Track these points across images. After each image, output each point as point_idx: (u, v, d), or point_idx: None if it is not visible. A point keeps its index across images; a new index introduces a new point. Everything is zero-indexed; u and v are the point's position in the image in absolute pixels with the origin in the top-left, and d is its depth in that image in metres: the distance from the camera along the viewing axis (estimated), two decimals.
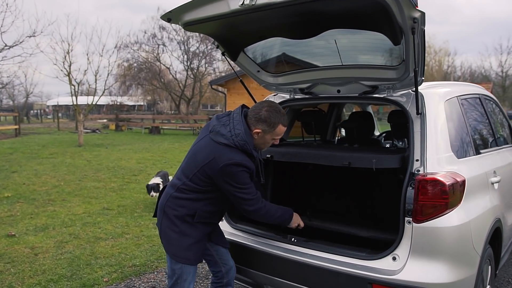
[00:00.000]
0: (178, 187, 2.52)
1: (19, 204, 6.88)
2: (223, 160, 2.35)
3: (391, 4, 2.07)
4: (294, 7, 2.20)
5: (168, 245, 2.54)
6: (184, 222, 2.49)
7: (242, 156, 2.39)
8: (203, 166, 2.41)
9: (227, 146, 2.38)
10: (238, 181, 2.39)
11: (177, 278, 2.53)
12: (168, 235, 2.53)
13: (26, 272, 4.14)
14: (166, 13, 2.60)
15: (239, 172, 2.38)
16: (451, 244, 2.30)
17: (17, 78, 19.75)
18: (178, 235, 2.49)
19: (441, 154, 2.48)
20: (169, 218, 2.52)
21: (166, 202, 2.54)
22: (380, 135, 5.24)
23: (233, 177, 2.38)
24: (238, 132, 2.40)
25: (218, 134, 2.42)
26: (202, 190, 2.47)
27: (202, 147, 2.47)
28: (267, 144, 2.58)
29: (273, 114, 2.47)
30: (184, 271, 2.53)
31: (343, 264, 2.46)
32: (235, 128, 2.41)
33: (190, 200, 2.49)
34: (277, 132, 2.51)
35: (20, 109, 36.02)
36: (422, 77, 2.56)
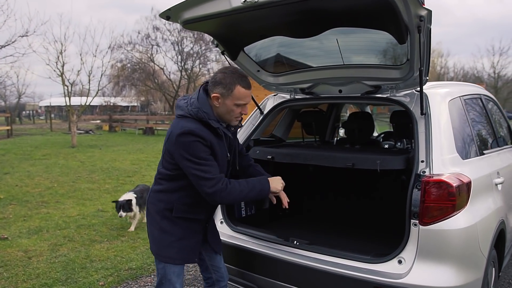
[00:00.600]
0: (156, 179, 2.48)
1: (11, 206, 6.77)
2: (177, 131, 2.23)
3: (398, 1, 2.03)
4: (297, 4, 2.15)
5: (151, 242, 2.48)
6: (164, 218, 2.40)
7: (197, 125, 2.24)
8: (165, 145, 2.34)
9: (183, 117, 2.28)
10: (193, 153, 2.20)
11: (161, 277, 2.46)
12: (151, 232, 2.46)
13: (19, 276, 4.05)
14: (165, 10, 2.54)
15: (192, 143, 2.20)
16: (458, 247, 2.26)
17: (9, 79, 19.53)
18: (159, 232, 2.41)
19: (446, 155, 2.44)
20: (150, 214, 2.47)
21: (149, 198, 2.51)
22: (379, 135, 5.21)
23: (187, 149, 2.21)
24: (192, 101, 2.30)
25: (177, 109, 2.35)
26: (172, 177, 2.36)
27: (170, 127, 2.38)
28: (233, 114, 2.33)
29: (228, 75, 2.27)
30: (167, 271, 2.43)
31: (347, 267, 2.41)
32: (190, 97, 2.33)
33: (167, 192, 2.40)
34: (236, 96, 2.26)
35: (12, 110, 35.68)
36: (427, 77, 2.52)
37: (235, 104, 2.29)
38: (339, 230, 3.27)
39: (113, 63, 29.31)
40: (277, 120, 3.80)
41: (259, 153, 3.18)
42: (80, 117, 18.91)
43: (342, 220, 3.49)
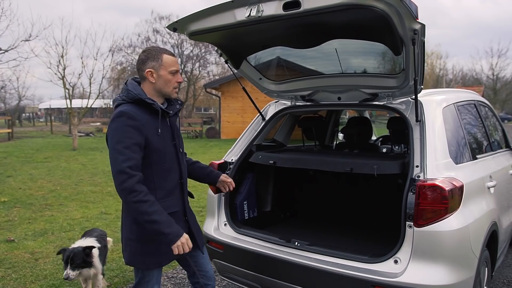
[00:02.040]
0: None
1: (16, 209, 6.87)
2: (112, 117, 2.22)
3: (393, 16, 2.15)
4: (298, 18, 2.27)
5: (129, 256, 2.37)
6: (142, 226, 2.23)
7: (129, 106, 2.21)
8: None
9: (117, 105, 2.27)
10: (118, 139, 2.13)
11: (140, 279, 2.41)
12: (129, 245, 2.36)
13: (27, 277, 4.15)
14: (172, 23, 2.67)
15: (121, 127, 2.14)
16: (450, 247, 2.38)
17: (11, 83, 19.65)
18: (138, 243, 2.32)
19: (439, 160, 2.56)
20: (127, 225, 2.37)
21: (122, 210, 2.43)
22: (377, 139, 5.33)
23: (114, 134, 2.15)
24: (122, 88, 2.32)
25: (112, 104, 2.35)
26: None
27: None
28: (171, 83, 2.33)
29: (151, 50, 2.32)
30: (145, 273, 2.39)
31: (346, 267, 2.53)
32: (121, 88, 2.35)
33: None
34: (167, 63, 2.29)
35: (12, 112, 35.75)
36: (421, 86, 2.64)
37: (169, 73, 2.30)
38: (338, 232, 3.39)
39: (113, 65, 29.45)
40: (278, 125, 3.92)
41: (262, 158, 3.30)
42: (81, 120, 19.02)
43: (341, 222, 3.61)
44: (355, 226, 3.45)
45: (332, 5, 2.09)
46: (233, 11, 2.39)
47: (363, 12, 2.12)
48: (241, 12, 2.35)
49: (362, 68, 3.07)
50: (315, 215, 3.80)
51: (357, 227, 3.43)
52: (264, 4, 2.27)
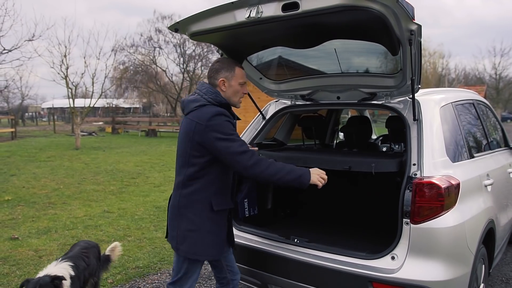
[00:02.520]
0: (183, 183, 2.47)
1: (20, 207, 6.94)
2: (205, 116, 2.34)
3: (390, 17, 2.20)
4: (297, 19, 2.31)
5: (189, 247, 2.46)
6: (204, 219, 2.44)
7: (221, 108, 2.41)
8: (192, 139, 2.38)
9: (203, 106, 2.41)
10: (227, 132, 2.32)
11: (183, 274, 2.53)
12: (189, 237, 2.45)
13: (31, 274, 4.18)
14: (173, 23, 2.71)
15: (224, 122, 2.34)
16: (446, 244, 2.42)
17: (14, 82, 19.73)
18: (200, 234, 2.44)
19: (436, 158, 2.60)
20: (188, 219, 2.45)
21: (179, 203, 2.49)
22: (377, 138, 5.37)
23: (220, 129, 2.32)
24: (205, 90, 2.46)
25: (190, 104, 2.45)
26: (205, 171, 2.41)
27: (183, 128, 2.46)
28: (238, 94, 2.55)
29: (225, 60, 2.57)
30: (190, 268, 2.52)
31: (344, 263, 2.57)
32: (201, 90, 2.48)
33: (202, 190, 2.44)
34: (239, 75, 2.52)
35: (15, 112, 35.89)
36: (419, 85, 2.69)
37: (239, 84, 2.53)
38: (337, 229, 3.43)
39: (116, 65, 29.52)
40: (278, 124, 3.97)
41: (262, 156, 3.34)
42: (83, 119, 19.11)
43: (340, 219, 3.65)
44: (354, 224, 3.50)
45: (329, 7, 2.13)
46: (233, 12, 2.43)
47: (360, 13, 2.16)
48: (241, 13, 2.40)
49: (360, 68, 3.11)
50: (315, 213, 3.84)
51: (356, 225, 3.47)
52: (264, 6, 2.31)
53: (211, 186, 2.46)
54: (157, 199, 7.59)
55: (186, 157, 2.45)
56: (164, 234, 5.50)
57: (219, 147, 2.32)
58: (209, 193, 2.45)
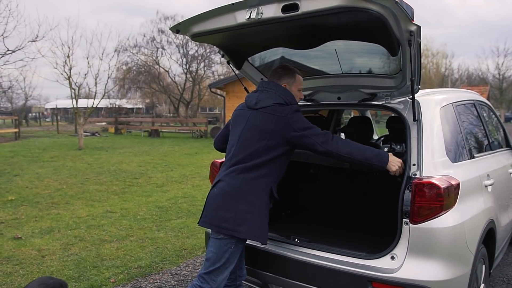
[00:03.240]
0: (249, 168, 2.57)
1: (23, 207, 6.98)
2: (287, 112, 2.56)
3: (389, 18, 2.21)
4: (297, 21, 2.33)
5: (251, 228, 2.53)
6: (263, 203, 2.58)
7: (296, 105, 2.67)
8: (272, 131, 2.56)
9: (280, 104, 2.60)
10: (307, 122, 2.59)
11: (222, 263, 2.57)
12: (249, 219, 2.53)
13: (34, 273, 4.23)
14: (175, 25, 2.74)
15: (302, 116, 2.61)
16: (446, 243, 2.43)
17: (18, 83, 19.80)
18: (259, 216, 2.56)
19: (436, 158, 2.62)
20: (249, 201, 2.54)
21: (240, 187, 2.55)
22: (379, 139, 5.37)
23: (302, 120, 2.58)
24: (282, 91, 2.67)
25: (266, 100, 2.64)
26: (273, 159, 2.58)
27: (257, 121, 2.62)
28: (298, 98, 2.79)
29: (287, 68, 2.80)
30: (232, 256, 2.59)
31: (344, 263, 2.58)
32: (277, 90, 2.67)
33: (265, 176, 2.58)
34: (299, 81, 2.78)
35: (19, 112, 36.05)
36: (419, 86, 2.70)
37: (298, 90, 2.79)
38: (337, 229, 3.44)
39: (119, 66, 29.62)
40: None
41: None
42: (86, 120, 19.18)
43: (340, 219, 3.66)
44: (354, 224, 3.51)
45: (328, 8, 2.15)
46: (234, 13, 2.45)
47: (360, 14, 2.18)
48: (242, 15, 2.42)
49: (361, 68, 3.13)
50: (315, 213, 3.86)
51: (356, 225, 3.48)
52: (264, 7, 2.33)
53: (274, 174, 2.63)
54: (160, 199, 7.62)
55: (258, 147, 2.58)
56: (166, 234, 5.57)
57: (303, 135, 2.54)
58: (271, 179, 2.62)
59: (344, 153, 2.54)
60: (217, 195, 2.62)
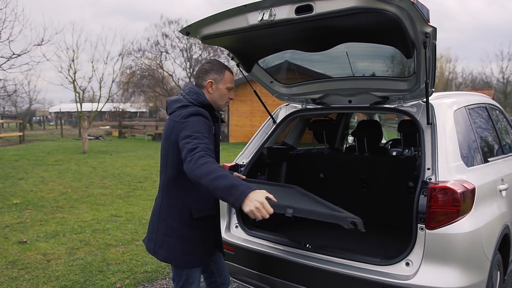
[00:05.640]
0: (164, 186, 2.43)
1: (28, 211, 6.96)
2: (182, 116, 2.27)
3: (405, 19, 2.17)
4: (310, 22, 2.29)
5: (168, 253, 2.39)
6: (184, 225, 2.37)
7: (201, 109, 2.34)
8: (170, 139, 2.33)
9: (184, 106, 2.35)
10: (196, 130, 2.20)
11: (183, 282, 2.45)
12: (167, 242, 2.39)
13: (40, 278, 4.20)
14: (185, 27, 2.70)
15: (199, 122, 2.25)
16: (462, 249, 2.38)
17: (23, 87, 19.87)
18: (178, 240, 2.37)
19: (451, 163, 2.56)
20: (166, 223, 2.40)
21: (160, 207, 2.43)
22: (387, 143, 5.33)
23: (193, 126, 2.22)
24: (187, 91, 2.41)
25: (172, 104, 2.41)
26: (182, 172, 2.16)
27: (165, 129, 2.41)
28: (224, 98, 2.49)
29: (216, 64, 2.50)
30: (190, 274, 2.44)
31: (357, 269, 2.53)
32: (184, 90, 2.44)
33: (180, 196, 2.37)
34: (227, 79, 2.47)
35: (23, 116, 36.16)
36: (433, 89, 2.65)
37: (226, 88, 2.48)
38: (349, 234, 3.38)
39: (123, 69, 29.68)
40: (289, 128, 3.94)
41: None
42: (91, 123, 19.21)
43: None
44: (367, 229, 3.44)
45: (344, 9, 2.11)
46: (246, 15, 2.42)
47: (375, 15, 2.14)
48: (254, 16, 2.38)
49: (373, 71, 3.08)
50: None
51: (369, 230, 3.42)
52: (277, 8, 2.29)
53: (191, 192, 2.36)
54: None
55: (165, 159, 2.42)
56: None
57: (181, 145, 2.19)
58: (189, 199, 2.37)
59: (195, 175, 2.04)
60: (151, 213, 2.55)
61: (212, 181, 1.98)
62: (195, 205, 2.37)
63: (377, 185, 3.48)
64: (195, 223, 2.39)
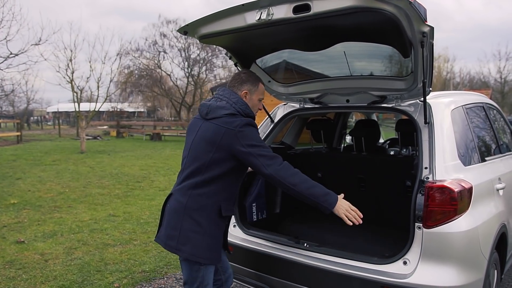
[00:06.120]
0: (196, 184, 2.43)
1: (25, 210, 6.94)
2: (236, 125, 2.36)
3: (402, 19, 2.17)
4: (308, 22, 2.29)
5: (193, 249, 2.40)
6: (211, 222, 2.42)
7: (251, 119, 2.46)
8: (219, 144, 2.38)
9: (232, 114, 2.41)
10: (257, 139, 2.40)
11: (199, 284, 2.45)
12: (193, 238, 2.40)
13: (37, 278, 4.19)
14: (183, 26, 2.70)
15: (254, 131, 2.41)
16: (460, 248, 2.38)
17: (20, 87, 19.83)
18: (205, 237, 2.40)
19: (448, 162, 2.57)
20: (193, 220, 2.41)
21: (186, 204, 2.43)
22: (384, 142, 5.33)
23: (252, 136, 2.38)
24: (235, 100, 2.47)
25: (217, 110, 2.44)
26: (221, 176, 2.41)
27: (206, 132, 2.44)
28: (255, 108, 2.60)
29: (252, 74, 2.62)
30: (205, 275, 2.46)
31: (355, 268, 2.54)
32: (230, 98, 2.47)
33: (213, 194, 2.42)
34: (260, 90, 2.60)
35: (21, 116, 36.07)
36: (430, 88, 2.66)
37: (259, 99, 2.61)
38: (347, 233, 3.39)
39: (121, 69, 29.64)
40: (286, 128, 3.94)
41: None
42: (88, 123, 19.18)
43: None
44: (364, 228, 3.45)
45: (341, 8, 2.11)
46: (244, 14, 2.42)
47: (372, 15, 2.14)
48: (252, 16, 2.38)
49: (370, 70, 3.09)
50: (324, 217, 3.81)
51: (366, 229, 3.43)
52: (274, 8, 2.29)
53: (223, 192, 2.46)
54: (163, 203, 7.56)
55: (205, 160, 2.42)
56: None
57: (250, 152, 2.35)
58: (220, 197, 2.45)
59: (288, 182, 2.33)
60: (168, 211, 2.56)
61: (308, 188, 2.35)
62: (224, 204, 2.46)
63: (375, 185, 3.48)
64: (221, 220, 2.48)
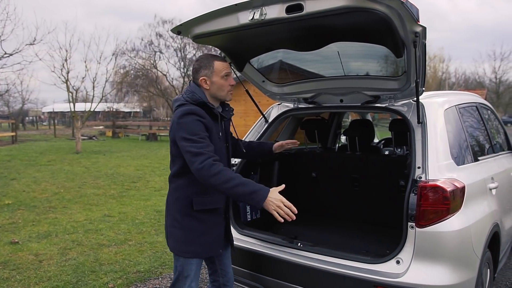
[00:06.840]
0: (170, 180, 2.53)
1: (20, 211, 6.92)
2: (177, 116, 2.35)
3: (394, 19, 2.18)
4: (301, 21, 2.30)
5: (172, 242, 2.50)
6: (185, 216, 2.44)
7: (194, 107, 2.38)
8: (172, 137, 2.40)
9: (181, 105, 2.41)
10: (191, 131, 2.28)
11: (178, 274, 2.51)
12: (172, 233, 2.51)
13: (31, 279, 4.18)
14: (176, 26, 2.69)
15: (192, 122, 2.31)
16: (452, 247, 2.40)
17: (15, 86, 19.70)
18: (181, 230, 2.45)
19: (441, 161, 2.58)
20: (171, 215, 2.51)
21: (167, 199, 2.55)
22: (379, 142, 5.35)
23: (187, 128, 2.29)
24: (185, 90, 2.49)
25: (173, 103, 2.49)
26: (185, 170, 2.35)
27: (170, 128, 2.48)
28: (225, 87, 2.51)
29: (203, 58, 2.51)
30: (185, 267, 2.48)
31: (348, 268, 2.55)
32: (184, 91, 2.51)
33: (183, 187, 2.45)
34: (219, 69, 2.47)
35: (16, 116, 35.90)
36: (423, 88, 2.67)
37: (221, 77, 2.48)
38: (341, 233, 3.40)
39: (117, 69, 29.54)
40: (281, 127, 3.95)
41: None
42: (84, 123, 19.11)
43: (343, 223, 3.62)
44: (358, 227, 3.47)
45: (334, 8, 2.12)
46: (237, 14, 2.42)
47: (365, 15, 2.15)
48: (245, 15, 2.38)
49: (364, 70, 3.10)
50: (318, 217, 3.82)
51: (360, 229, 3.45)
52: (267, 8, 2.29)
53: (193, 185, 2.42)
54: (158, 203, 7.56)
55: (172, 154, 2.50)
56: (164, 238, 5.48)
57: (182, 146, 2.30)
58: (191, 191, 2.44)
59: (210, 183, 2.21)
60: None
61: (231, 188, 2.19)
62: (196, 197, 2.44)
63: (369, 184, 3.50)
64: (196, 214, 2.45)
